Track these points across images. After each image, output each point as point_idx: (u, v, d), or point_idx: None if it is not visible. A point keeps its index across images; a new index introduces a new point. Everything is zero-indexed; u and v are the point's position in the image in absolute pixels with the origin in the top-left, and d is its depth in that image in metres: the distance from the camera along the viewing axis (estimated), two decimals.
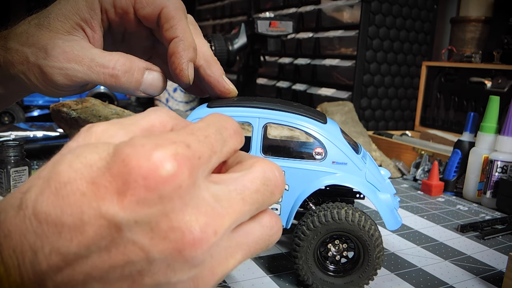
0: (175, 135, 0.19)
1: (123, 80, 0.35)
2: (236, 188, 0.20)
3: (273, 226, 0.22)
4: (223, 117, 0.22)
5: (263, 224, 0.22)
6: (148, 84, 0.36)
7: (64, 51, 0.35)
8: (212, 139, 0.20)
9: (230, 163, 0.24)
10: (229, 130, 0.21)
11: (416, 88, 1.11)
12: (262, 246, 0.22)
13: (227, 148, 0.21)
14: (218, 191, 0.20)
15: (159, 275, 0.18)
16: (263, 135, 0.38)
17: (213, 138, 0.20)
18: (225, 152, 0.21)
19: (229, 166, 0.23)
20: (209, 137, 0.20)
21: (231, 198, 0.20)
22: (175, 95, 1.23)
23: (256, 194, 0.21)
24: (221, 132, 0.21)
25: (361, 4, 0.98)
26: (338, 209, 0.37)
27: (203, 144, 0.19)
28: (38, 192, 0.17)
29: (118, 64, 0.35)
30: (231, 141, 0.21)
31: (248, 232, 0.21)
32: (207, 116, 0.22)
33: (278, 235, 0.23)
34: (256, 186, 0.21)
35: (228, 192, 0.20)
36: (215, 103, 0.39)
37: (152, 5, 0.36)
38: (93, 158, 0.18)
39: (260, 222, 0.22)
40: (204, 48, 0.39)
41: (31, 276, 0.17)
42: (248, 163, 0.22)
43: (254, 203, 0.21)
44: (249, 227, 0.22)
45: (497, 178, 0.67)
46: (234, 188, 0.20)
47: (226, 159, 0.23)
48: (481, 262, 0.48)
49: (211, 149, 0.20)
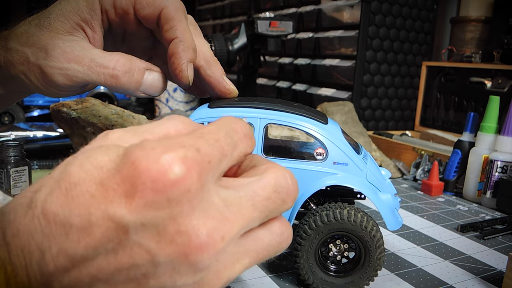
0: (185, 139, 0.18)
1: (123, 80, 0.35)
2: (247, 194, 0.20)
3: (283, 233, 0.22)
4: (233, 120, 0.21)
5: (273, 231, 0.22)
6: (148, 84, 0.36)
7: (64, 51, 0.35)
8: (222, 142, 0.20)
9: (244, 167, 0.23)
10: (239, 134, 0.21)
11: (416, 88, 1.11)
12: (271, 252, 0.22)
13: (238, 152, 0.21)
14: (228, 196, 0.20)
15: (164, 278, 0.18)
16: (264, 136, 0.38)
17: (223, 142, 0.20)
18: (236, 156, 0.21)
19: (243, 170, 0.23)
20: (219, 141, 0.20)
21: (241, 204, 0.20)
22: (175, 95, 1.23)
23: (266, 201, 0.21)
24: (231, 135, 0.20)
25: (361, 4, 0.98)
26: (341, 209, 0.37)
27: (213, 148, 0.19)
28: (48, 192, 0.17)
29: (118, 64, 0.35)
30: (242, 145, 0.21)
31: (257, 238, 0.21)
32: (218, 119, 0.21)
33: (288, 242, 0.23)
34: (267, 193, 0.21)
35: (239, 197, 0.20)
36: (216, 103, 0.39)
37: (152, 6, 0.36)
38: (103, 159, 0.18)
39: (270, 229, 0.22)
40: (204, 49, 0.39)
41: (38, 277, 0.17)
42: (261, 169, 0.22)
43: (264, 210, 0.21)
44: (258, 233, 0.21)
45: (497, 178, 0.67)
46: (245, 194, 0.20)
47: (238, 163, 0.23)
48: (481, 262, 0.48)
49: (221, 153, 0.19)
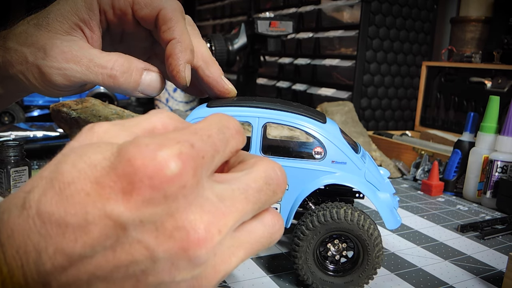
0: (179, 135, 0.19)
1: (121, 80, 0.35)
2: (239, 187, 0.20)
3: (275, 224, 0.23)
4: (225, 117, 0.22)
5: (265, 223, 0.22)
6: (146, 84, 0.36)
7: (62, 51, 0.35)
8: (215, 138, 0.20)
9: (232, 163, 0.24)
10: (231, 130, 0.21)
11: (416, 88, 1.11)
12: (265, 244, 0.22)
13: (230, 147, 0.21)
14: (221, 190, 0.20)
15: (163, 274, 0.18)
16: (263, 135, 0.38)
17: (216, 138, 0.20)
18: (228, 151, 0.21)
19: (231, 166, 0.24)
20: (212, 137, 0.20)
21: (235, 197, 0.20)
22: (175, 95, 1.23)
23: (258, 193, 0.21)
24: (223, 131, 0.21)
25: (361, 4, 0.98)
26: (337, 208, 0.37)
27: (207, 144, 0.19)
28: (42, 192, 0.17)
29: (116, 64, 0.35)
30: (233, 140, 0.22)
31: (251, 230, 0.22)
32: (209, 116, 0.22)
33: (280, 233, 0.23)
34: (259, 185, 0.21)
35: (232, 191, 0.20)
36: (214, 103, 0.39)
37: (150, 7, 0.36)
38: (97, 158, 0.18)
39: (262, 221, 0.22)
40: (203, 49, 0.39)
41: (35, 276, 0.17)
42: (250, 162, 0.22)
43: (256, 202, 0.21)
44: (251, 225, 0.22)
45: (497, 178, 0.67)
46: (237, 187, 0.20)
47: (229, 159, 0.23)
48: (481, 262, 0.48)
49: (214, 149, 0.20)
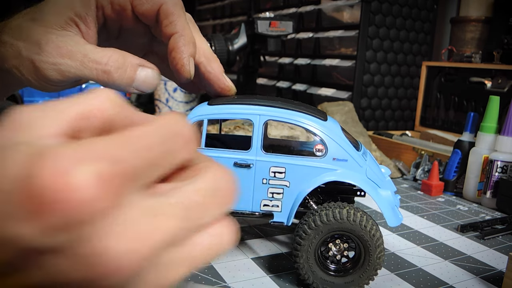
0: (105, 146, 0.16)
1: (116, 76, 0.35)
2: (178, 201, 0.18)
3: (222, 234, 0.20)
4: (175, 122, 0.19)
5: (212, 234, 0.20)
6: (141, 81, 0.36)
7: (57, 46, 0.34)
8: (154, 151, 0.17)
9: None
10: (179, 140, 0.18)
11: (416, 88, 1.11)
12: (213, 254, 0.20)
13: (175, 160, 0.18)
14: (156, 205, 0.17)
15: None
16: (264, 133, 0.38)
17: (156, 150, 0.17)
18: (173, 163, 0.18)
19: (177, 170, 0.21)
20: (151, 150, 0.17)
21: (171, 213, 0.17)
22: (175, 95, 1.23)
23: (202, 207, 0.18)
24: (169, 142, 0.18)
25: (361, 4, 0.98)
26: (340, 208, 0.37)
27: (139, 158, 0.16)
28: None
29: (111, 60, 0.35)
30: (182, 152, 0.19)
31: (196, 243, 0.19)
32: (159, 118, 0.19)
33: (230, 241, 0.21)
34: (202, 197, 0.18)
35: (168, 205, 0.17)
36: (215, 101, 0.39)
37: (151, 2, 0.36)
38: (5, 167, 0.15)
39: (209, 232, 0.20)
40: (204, 46, 0.39)
41: None
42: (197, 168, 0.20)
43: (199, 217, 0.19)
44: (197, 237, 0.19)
45: (497, 178, 0.67)
46: (176, 201, 0.18)
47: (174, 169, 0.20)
48: (481, 262, 0.48)
49: (150, 163, 0.17)
